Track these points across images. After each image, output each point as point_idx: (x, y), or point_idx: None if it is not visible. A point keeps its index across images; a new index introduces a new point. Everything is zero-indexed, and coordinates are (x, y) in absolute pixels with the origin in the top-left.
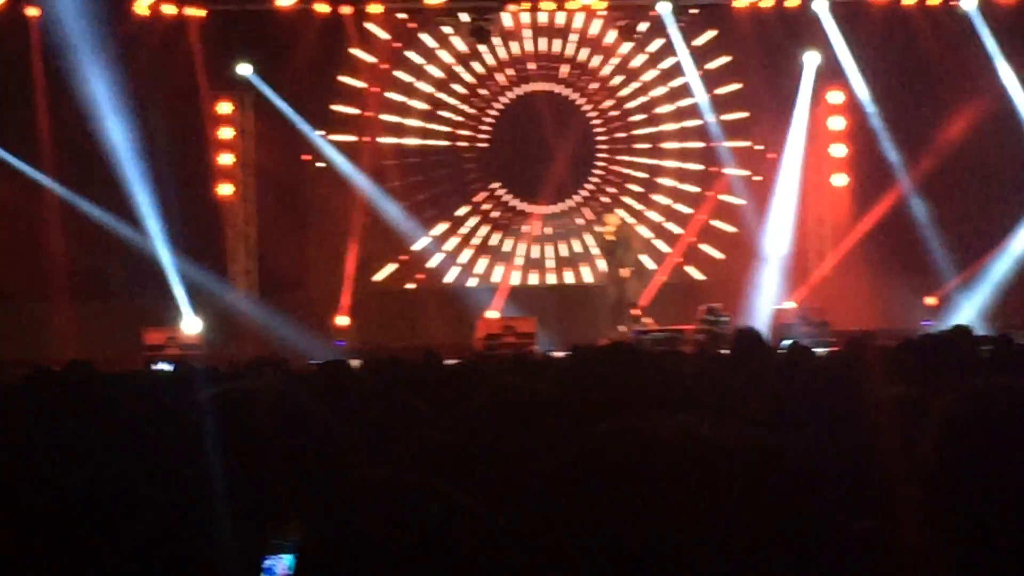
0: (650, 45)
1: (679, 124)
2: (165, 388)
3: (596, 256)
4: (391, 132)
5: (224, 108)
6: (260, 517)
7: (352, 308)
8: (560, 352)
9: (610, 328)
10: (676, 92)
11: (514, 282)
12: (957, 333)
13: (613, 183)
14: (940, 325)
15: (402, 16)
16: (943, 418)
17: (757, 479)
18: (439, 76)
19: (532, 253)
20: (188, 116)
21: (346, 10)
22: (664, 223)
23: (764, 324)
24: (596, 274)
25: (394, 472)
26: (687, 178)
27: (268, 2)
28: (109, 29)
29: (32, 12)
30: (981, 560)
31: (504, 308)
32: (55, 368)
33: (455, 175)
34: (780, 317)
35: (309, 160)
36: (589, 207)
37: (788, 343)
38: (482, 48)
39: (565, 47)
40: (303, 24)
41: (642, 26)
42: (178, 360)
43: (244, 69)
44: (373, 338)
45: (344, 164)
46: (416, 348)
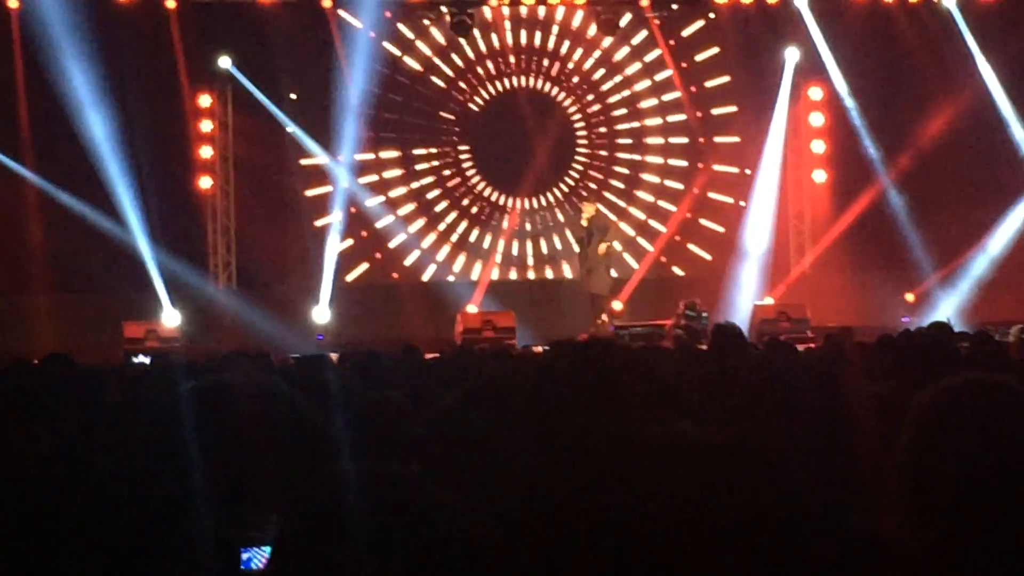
0: (634, 38)
1: (661, 119)
2: (144, 381)
3: (575, 251)
4: (369, 125)
5: (204, 101)
6: (239, 509)
7: (332, 302)
8: (539, 347)
9: (586, 319)
10: (660, 86)
11: (494, 277)
12: (935, 330)
13: (594, 179)
14: (919, 321)
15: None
16: (921, 414)
17: (740, 481)
18: (417, 69)
19: (512, 249)
20: (168, 109)
21: (327, 3)
22: (648, 220)
23: (744, 320)
24: (575, 269)
25: (369, 464)
26: (670, 174)
27: None
28: (89, 22)
29: (12, 4)
30: (959, 554)
31: (483, 303)
32: (34, 360)
33: (434, 170)
34: (760, 313)
35: (290, 154)
36: (569, 203)
37: (767, 339)
38: (462, 40)
39: (546, 40)
40: (283, 16)
41: (624, 19)
42: (157, 353)
43: (224, 62)
44: (353, 332)
45: (325, 158)
46: (396, 342)
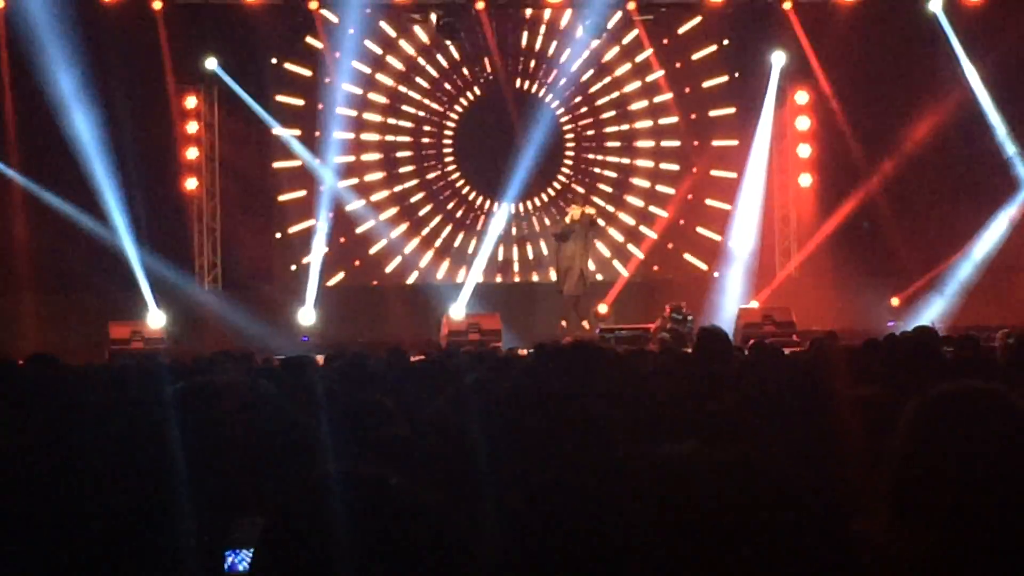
0: (624, 38)
1: (652, 121)
2: (129, 382)
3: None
4: (351, 127)
5: (190, 102)
6: (223, 510)
7: (317, 304)
8: (524, 349)
9: (569, 319)
10: (651, 88)
11: (479, 280)
12: (921, 334)
13: (582, 183)
14: (904, 326)
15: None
16: (912, 420)
17: (725, 484)
18: (401, 68)
19: (498, 255)
20: (154, 110)
21: (313, 4)
22: (638, 226)
23: (729, 323)
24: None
25: (351, 465)
26: (660, 178)
27: None
28: (75, 22)
29: None
30: (947, 559)
31: (469, 305)
32: (18, 361)
33: (419, 172)
34: (745, 317)
35: (275, 155)
36: (555, 207)
37: (753, 342)
38: (447, 41)
39: (533, 41)
40: (269, 17)
41: (613, 20)
42: (142, 354)
43: (210, 63)
44: (338, 334)
45: (308, 159)
46: (381, 344)
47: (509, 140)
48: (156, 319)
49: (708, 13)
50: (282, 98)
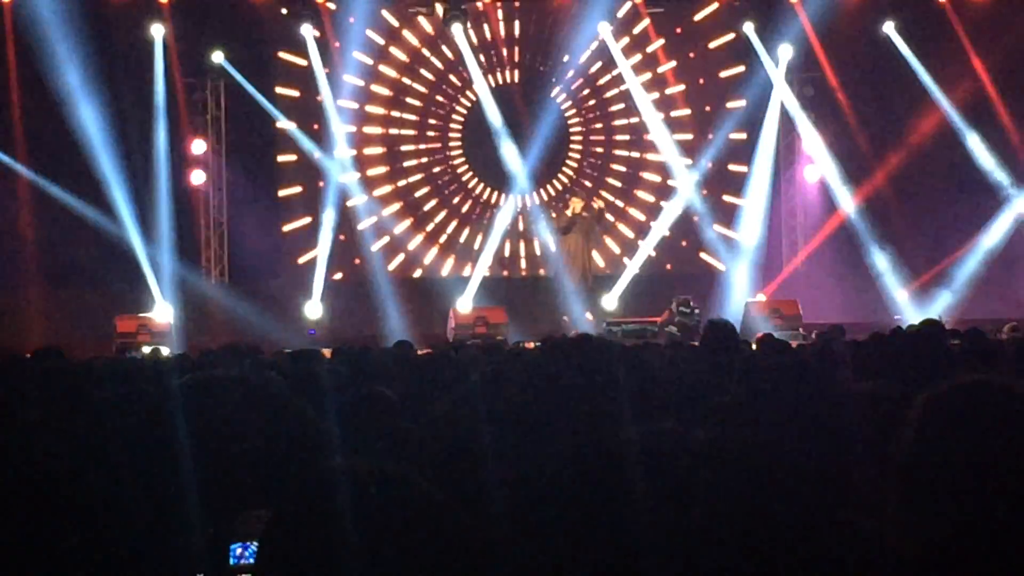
0: (635, 27)
1: (663, 114)
2: (137, 376)
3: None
4: (353, 120)
5: (197, 96)
6: (230, 503)
7: (324, 297)
8: (531, 343)
9: (579, 316)
10: (663, 79)
11: (485, 273)
12: (928, 327)
13: (589, 177)
14: (911, 319)
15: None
16: (922, 414)
17: (733, 478)
18: (405, 60)
19: (504, 250)
20: (161, 103)
21: None
22: (649, 222)
23: (736, 317)
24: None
25: (357, 459)
26: (668, 173)
27: None
28: (82, 16)
29: None
30: (954, 554)
31: (475, 299)
32: (26, 355)
33: (424, 166)
34: (752, 310)
35: (282, 148)
36: (563, 202)
37: (760, 336)
38: (453, 31)
39: (540, 31)
40: (276, 10)
41: (623, 9)
42: (149, 348)
43: (217, 57)
44: (345, 327)
45: (315, 153)
46: (388, 338)
47: (517, 133)
48: (163, 313)
49: (723, 1)
50: (280, 89)
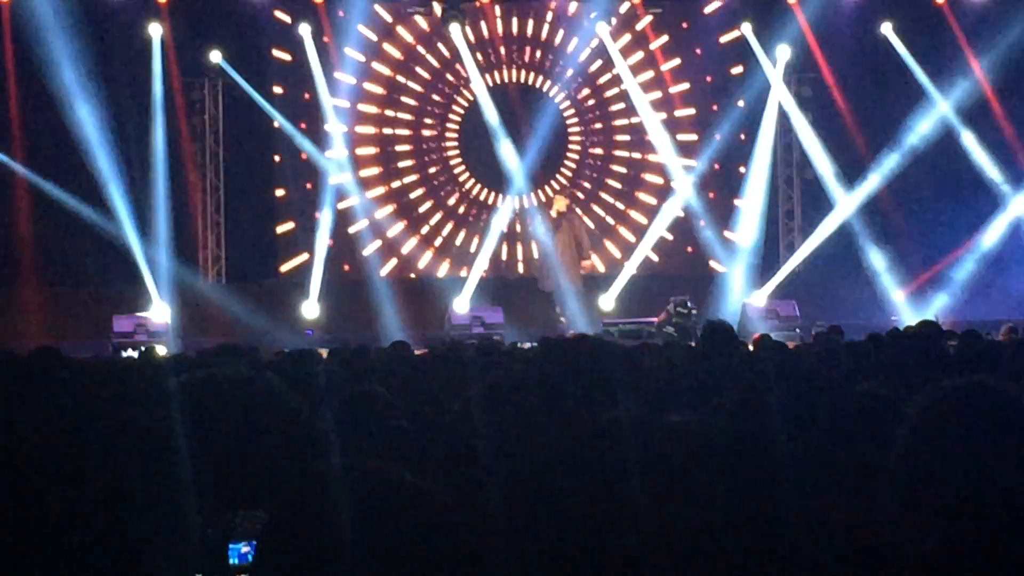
0: (637, 24)
1: (666, 114)
2: (133, 375)
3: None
4: (344, 118)
5: (195, 95)
6: (227, 503)
7: (321, 297)
8: (528, 343)
9: (578, 317)
10: (666, 77)
11: (482, 274)
12: (924, 328)
13: (589, 178)
14: (908, 320)
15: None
16: (918, 415)
17: (723, 467)
18: (399, 57)
19: (501, 254)
20: (159, 102)
21: None
22: (649, 224)
23: (734, 317)
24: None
25: (355, 459)
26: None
27: None
28: (80, 14)
29: None
30: (951, 555)
31: (472, 299)
32: (22, 354)
33: (419, 166)
34: (750, 311)
35: (279, 147)
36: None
37: (757, 337)
38: (451, 29)
39: (539, 29)
40: (274, 9)
41: (624, 6)
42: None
43: (215, 56)
44: (342, 327)
45: (313, 152)
46: (385, 338)
47: (514, 132)
48: (160, 312)
49: (706, 7)
50: (278, 89)
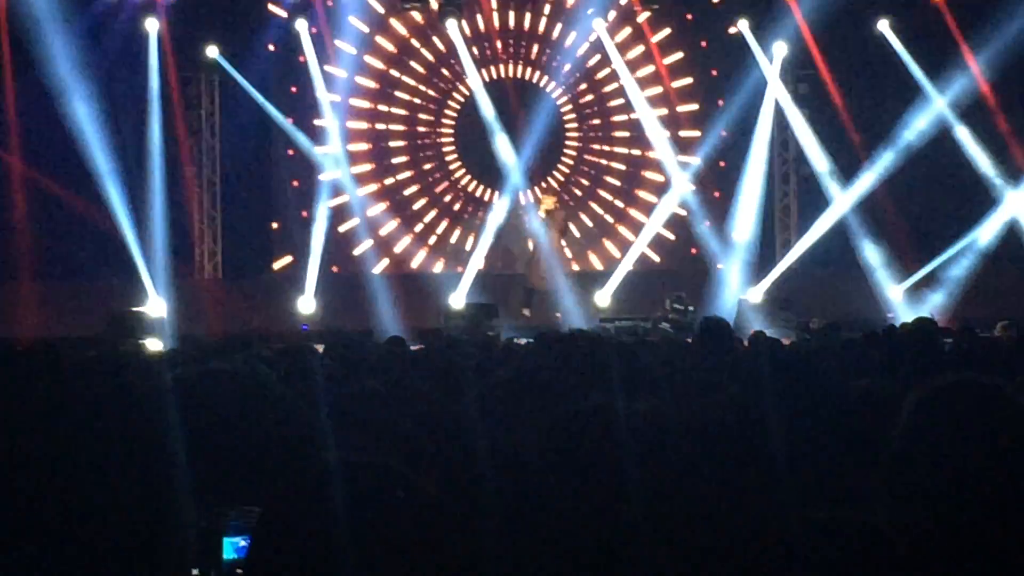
0: (638, 16)
1: (667, 109)
2: (129, 369)
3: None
4: (341, 114)
5: (192, 90)
6: (222, 498)
7: (317, 292)
8: (523, 339)
9: (574, 313)
10: (668, 71)
11: (478, 269)
12: (920, 325)
13: (586, 174)
14: (904, 317)
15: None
16: (911, 413)
17: (719, 461)
18: (392, 51)
19: (498, 248)
20: (156, 97)
21: None
22: (646, 220)
23: (730, 314)
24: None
25: (350, 454)
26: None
27: None
28: (76, 8)
29: None
30: (945, 548)
31: (468, 294)
32: (18, 348)
33: (415, 162)
34: (746, 307)
35: (276, 143)
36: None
37: (753, 333)
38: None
39: (536, 22)
40: (271, 4)
41: None
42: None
43: (212, 51)
44: (338, 322)
45: (309, 148)
46: (381, 333)
47: (510, 128)
48: (156, 306)
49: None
50: (273, 84)
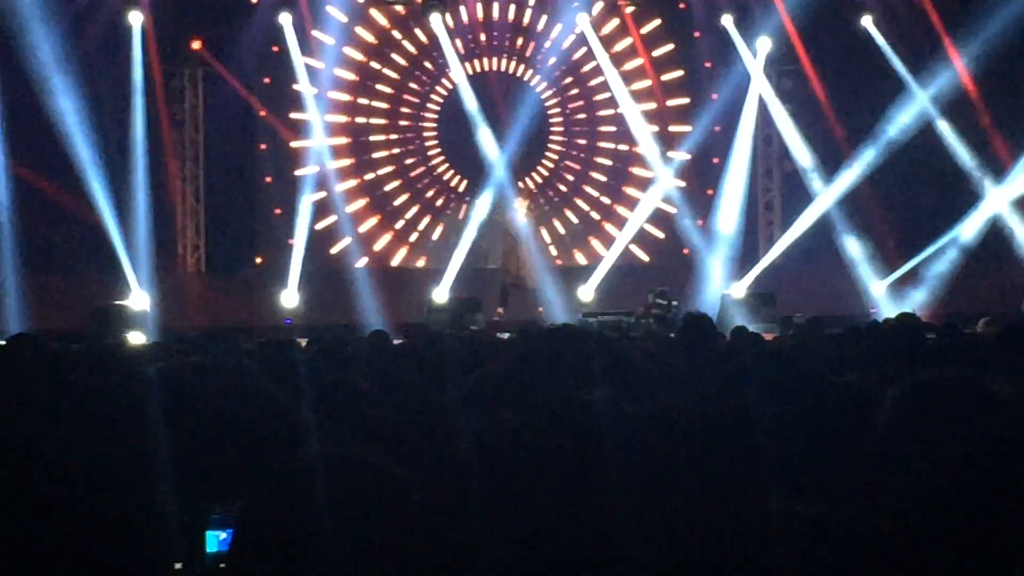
0: (625, 8)
1: (656, 104)
2: (112, 363)
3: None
4: (330, 108)
5: (175, 84)
6: (205, 491)
7: (300, 286)
8: (506, 334)
9: (556, 308)
10: (655, 64)
11: (461, 264)
12: (903, 320)
13: (571, 170)
14: (887, 312)
15: None
16: (892, 407)
17: (701, 456)
18: (373, 42)
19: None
20: (139, 90)
21: None
22: (628, 213)
23: (712, 309)
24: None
25: (333, 447)
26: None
27: None
28: (60, 2)
29: None
30: (928, 543)
31: (452, 288)
32: (0, 341)
33: (394, 158)
34: (728, 302)
35: (259, 137)
36: (544, 196)
37: (736, 328)
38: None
39: (521, 15)
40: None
41: None
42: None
43: (196, 44)
44: (321, 316)
45: (294, 142)
46: (364, 327)
47: (494, 123)
48: (139, 300)
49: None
50: (257, 77)
